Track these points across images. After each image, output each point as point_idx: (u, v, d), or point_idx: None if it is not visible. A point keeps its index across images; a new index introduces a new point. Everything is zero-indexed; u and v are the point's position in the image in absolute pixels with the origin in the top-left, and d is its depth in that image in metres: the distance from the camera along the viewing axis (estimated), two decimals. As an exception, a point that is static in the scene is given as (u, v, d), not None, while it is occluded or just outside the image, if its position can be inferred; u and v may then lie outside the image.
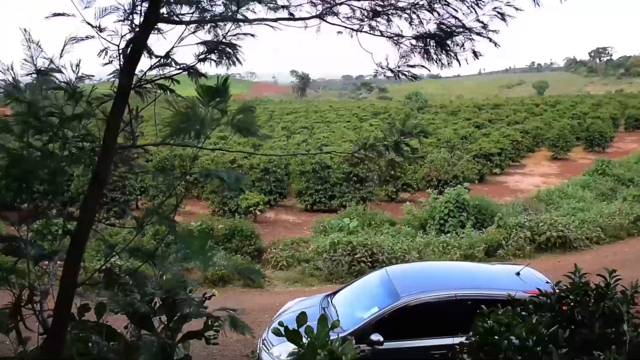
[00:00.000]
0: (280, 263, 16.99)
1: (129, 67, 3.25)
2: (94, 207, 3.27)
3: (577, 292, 3.59)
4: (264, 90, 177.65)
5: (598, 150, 43.15)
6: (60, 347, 3.33)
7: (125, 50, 3.29)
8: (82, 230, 3.25)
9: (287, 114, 69.88)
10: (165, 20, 3.41)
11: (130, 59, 3.26)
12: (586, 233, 18.13)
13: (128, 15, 3.39)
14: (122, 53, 3.29)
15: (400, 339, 8.60)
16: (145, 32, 3.29)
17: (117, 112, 3.21)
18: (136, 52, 3.27)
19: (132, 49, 3.27)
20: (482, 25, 3.90)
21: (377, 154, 3.99)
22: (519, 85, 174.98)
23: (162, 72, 3.44)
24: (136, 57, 3.27)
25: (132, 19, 3.39)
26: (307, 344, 4.88)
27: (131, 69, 3.26)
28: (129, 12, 3.40)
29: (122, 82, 3.24)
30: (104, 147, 3.23)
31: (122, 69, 3.27)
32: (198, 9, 3.47)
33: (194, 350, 7.67)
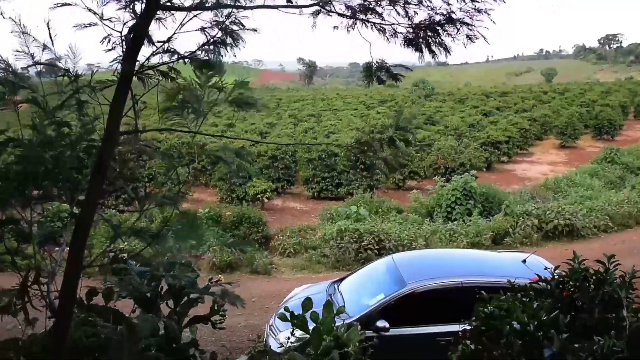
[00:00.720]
0: (287, 250, 17.08)
1: (131, 53, 3.29)
2: (97, 191, 3.33)
3: (577, 278, 3.62)
4: (271, 78, 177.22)
5: (607, 138, 42.86)
6: (67, 328, 3.40)
7: (127, 37, 3.33)
8: (86, 214, 3.31)
9: (294, 102, 69.81)
10: (165, 7, 3.45)
11: (132, 46, 3.30)
12: (594, 221, 18.08)
13: (130, 2, 3.43)
14: (125, 40, 3.33)
15: (406, 326, 8.66)
16: (147, 19, 3.33)
17: (119, 98, 3.25)
18: (138, 39, 3.31)
19: (134, 36, 3.30)
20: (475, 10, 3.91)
21: (372, 150, 4.02)
22: (527, 72, 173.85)
23: (163, 60, 3.48)
24: (138, 44, 3.31)
25: (133, 6, 3.42)
26: (312, 329, 4.94)
27: (133, 55, 3.30)
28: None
29: (124, 68, 3.28)
30: (106, 133, 3.28)
31: (124, 56, 3.31)
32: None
33: (202, 336, 7.76)
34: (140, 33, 3.32)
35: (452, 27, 3.95)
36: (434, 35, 3.99)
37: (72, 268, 3.32)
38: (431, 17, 3.97)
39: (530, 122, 41.18)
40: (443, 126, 38.36)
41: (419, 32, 3.99)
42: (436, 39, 4.00)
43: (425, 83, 74.81)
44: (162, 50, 3.39)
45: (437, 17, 3.98)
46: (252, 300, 12.40)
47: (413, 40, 4.02)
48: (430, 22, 3.97)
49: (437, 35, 3.99)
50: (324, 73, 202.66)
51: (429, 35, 3.99)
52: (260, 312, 11.90)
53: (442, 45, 4.03)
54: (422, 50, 4.06)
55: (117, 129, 3.32)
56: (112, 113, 3.27)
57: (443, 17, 3.95)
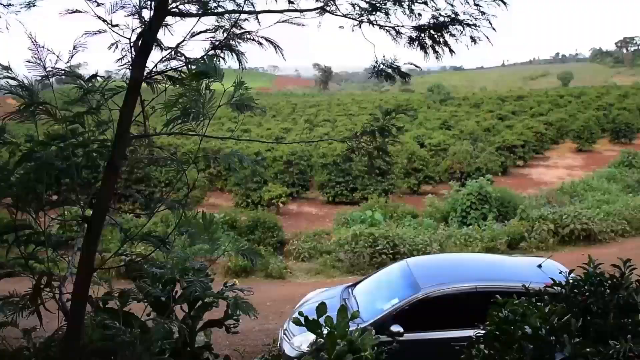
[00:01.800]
0: (302, 254, 17.10)
1: (140, 59, 3.33)
2: (108, 195, 3.37)
3: (592, 282, 3.59)
4: (287, 83, 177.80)
5: (624, 141, 42.42)
6: (79, 329, 3.44)
7: (136, 43, 3.38)
8: (97, 217, 3.35)
9: (309, 107, 69.91)
10: (174, 13, 3.50)
11: (141, 52, 3.34)
12: (611, 226, 17.87)
13: (138, 10, 3.48)
14: (134, 46, 3.38)
15: (421, 331, 8.62)
16: (156, 26, 3.37)
17: (129, 103, 3.30)
18: (147, 45, 3.35)
19: (143, 42, 3.35)
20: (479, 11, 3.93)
21: (370, 138, 4.05)
22: (543, 76, 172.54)
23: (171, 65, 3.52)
24: (147, 50, 3.35)
25: (141, 13, 3.47)
26: (326, 333, 4.95)
27: (142, 61, 3.34)
28: (138, 7, 3.48)
29: (133, 74, 3.32)
30: (117, 137, 3.32)
31: (133, 62, 3.36)
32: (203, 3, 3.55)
33: (216, 340, 7.78)
34: (150, 39, 3.36)
35: (455, 28, 3.96)
36: (438, 36, 4.01)
37: (83, 270, 3.37)
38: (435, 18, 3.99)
39: (547, 126, 40.90)
40: (458, 131, 38.19)
41: (423, 33, 4.01)
42: (440, 40, 4.02)
43: (441, 88, 74.65)
44: (170, 56, 3.43)
45: (440, 19, 4.00)
46: (267, 304, 12.42)
47: (417, 39, 4.03)
48: (434, 24, 3.99)
49: (441, 36, 4.00)
50: (339, 78, 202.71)
51: (433, 35, 4.01)
52: (275, 317, 11.91)
53: (447, 45, 4.04)
54: (427, 49, 4.08)
55: (128, 132, 3.36)
56: (122, 117, 3.32)
57: (447, 18, 3.97)
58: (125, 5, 3.49)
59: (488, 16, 3.97)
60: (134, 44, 3.38)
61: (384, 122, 4.09)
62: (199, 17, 3.53)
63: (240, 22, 3.67)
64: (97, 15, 3.46)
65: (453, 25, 3.97)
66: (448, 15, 3.98)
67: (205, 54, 3.52)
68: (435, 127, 41.56)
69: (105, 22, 3.46)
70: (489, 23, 4.03)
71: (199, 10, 3.56)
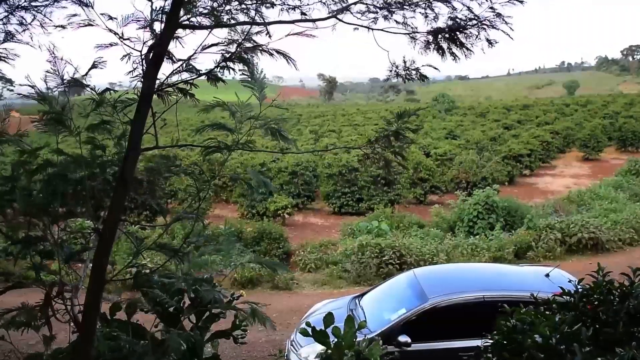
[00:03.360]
0: (308, 265, 17.09)
1: (152, 71, 3.36)
2: (119, 207, 3.39)
3: (601, 291, 3.58)
4: (292, 94, 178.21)
5: (631, 150, 42.27)
6: (90, 341, 3.45)
7: (147, 55, 3.41)
8: (109, 229, 3.37)
9: (314, 118, 70.07)
10: (185, 26, 3.53)
11: (153, 64, 3.37)
12: (619, 234, 17.81)
13: (150, 22, 3.51)
14: (145, 58, 3.41)
15: (428, 341, 8.60)
16: (167, 38, 3.40)
17: (140, 115, 3.32)
18: (158, 57, 3.38)
19: (155, 54, 3.38)
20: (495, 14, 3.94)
21: (385, 144, 4.07)
22: (549, 85, 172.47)
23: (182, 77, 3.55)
24: (158, 62, 3.38)
25: (152, 26, 3.50)
26: (334, 344, 4.94)
27: (153, 73, 3.37)
28: (150, 20, 3.52)
29: (144, 86, 3.35)
30: (128, 149, 3.34)
31: (145, 74, 3.38)
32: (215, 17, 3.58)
33: (223, 351, 7.79)
34: (161, 51, 3.39)
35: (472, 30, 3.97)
36: (455, 38, 4.01)
37: (95, 282, 3.38)
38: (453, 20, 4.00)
39: (553, 135, 40.81)
40: (464, 140, 38.15)
41: (440, 35, 4.02)
42: (457, 42, 4.02)
43: (446, 97, 74.66)
44: (181, 68, 3.46)
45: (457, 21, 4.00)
46: (274, 315, 12.36)
47: (433, 42, 4.04)
48: (452, 26, 3.99)
49: (457, 38, 4.01)
50: (344, 88, 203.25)
51: (451, 37, 4.02)
52: (282, 328, 11.88)
53: (464, 46, 4.05)
54: (444, 51, 4.09)
55: (139, 145, 3.39)
56: (133, 130, 3.34)
57: (463, 21, 3.98)
58: (136, 18, 3.52)
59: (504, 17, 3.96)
60: (145, 56, 3.41)
61: (398, 126, 4.10)
62: (211, 29, 3.55)
63: (251, 34, 3.69)
64: (108, 29, 3.50)
65: (471, 27, 3.97)
66: (465, 16, 3.99)
67: (216, 65, 3.55)
68: (441, 137, 41.55)
69: (116, 35, 3.49)
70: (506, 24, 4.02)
71: (211, 22, 3.59)
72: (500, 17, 3.94)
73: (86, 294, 3.41)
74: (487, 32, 3.99)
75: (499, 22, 3.96)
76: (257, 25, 3.70)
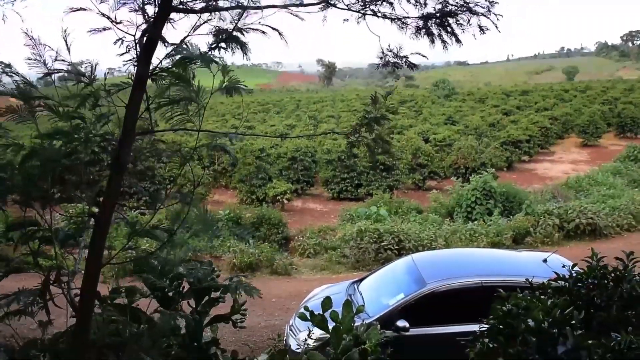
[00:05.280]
0: (307, 251, 17.14)
1: (145, 56, 3.35)
2: (115, 191, 3.40)
3: (595, 275, 3.62)
4: (291, 79, 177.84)
5: (630, 136, 42.17)
6: (88, 324, 3.48)
7: (141, 39, 3.40)
8: (105, 211, 3.39)
9: (313, 103, 69.86)
10: (178, 9, 3.52)
11: (146, 48, 3.36)
12: (617, 220, 17.86)
13: (142, 6, 3.49)
14: (138, 42, 3.40)
15: (426, 326, 8.66)
16: (160, 21, 3.39)
17: (134, 100, 3.32)
18: (152, 41, 3.37)
19: (148, 38, 3.37)
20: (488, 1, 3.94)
21: (368, 128, 4.08)
22: (548, 71, 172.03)
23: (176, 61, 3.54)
24: (151, 46, 3.37)
25: (145, 10, 3.48)
26: (332, 328, 4.98)
27: (147, 58, 3.36)
28: (142, 3, 3.50)
29: (139, 70, 3.35)
30: (123, 133, 3.35)
31: (138, 58, 3.38)
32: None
33: (222, 336, 7.83)
34: (155, 35, 3.38)
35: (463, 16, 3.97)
36: (446, 25, 4.01)
37: (91, 266, 3.40)
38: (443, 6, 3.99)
39: (552, 121, 40.72)
40: (463, 126, 38.10)
41: (430, 21, 4.01)
42: (447, 29, 4.02)
43: (446, 83, 74.43)
44: (174, 52, 3.45)
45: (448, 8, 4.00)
46: (272, 300, 12.48)
47: (423, 28, 4.03)
48: (442, 12, 3.99)
49: (448, 25, 4.00)
50: (343, 74, 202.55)
51: (441, 23, 4.01)
52: (281, 313, 11.97)
53: (454, 34, 4.05)
54: (434, 38, 4.08)
55: (134, 129, 3.39)
56: (128, 113, 3.34)
57: (455, 6, 3.97)
58: (128, 1, 3.50)
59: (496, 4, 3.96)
60: (138, 40, 3.40)
61: (377, 111, 4.11)
62: (201, 12, 3.54)
63: (243, 18, 3.68)
64: (101, 13, 3.48)
65: (462, 14, 3.97)
66: (456, 2, 3.98)
67: (210, 47, 3.54)
68: (440, 123, 41.49)
69: (109, 19, 3.48)
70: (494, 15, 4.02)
71: (204, 5, 3.57)
72: (492, 4, 3.93)
73: (83, 277, 3.44)
74: (478, 19, 3.99)
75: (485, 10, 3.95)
76: (250, 9, 3.69)
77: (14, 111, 3.56)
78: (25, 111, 3.61)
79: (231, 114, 56.28)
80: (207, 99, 3.62)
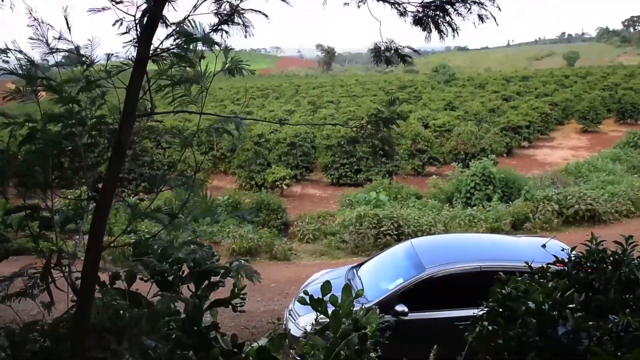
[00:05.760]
0: (306, 236, 17.19)
1: (146, 36, 3.32)
2: (116, 174, 3.39)
3: (593, 259, 3.63)
4: (290, 64, 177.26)
5: (630, 122, 42.13)
6: (89, 307, 3.49)
7: (141, 20, 3.36)
8: (105, 195, 3.38)
9: (312, 89, 69.66)
10: None
11: (147, 28, 3.33)
12: (616, 206, 17.91)
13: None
14: (139, 23, 3.37)
15: (425, 310, 8.71)
16: (161, 1, 3.36)
17: (135, 81, 3.30)
18: (152, 21, 3.34)
19: (148, 19, 3.34)
20: None
21: (375, 127, 4.06)
22: (549, 56, 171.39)
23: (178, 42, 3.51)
24: (152, 27, 3.33)
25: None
26: (332, 312, 5.00)
27: (148, 38, 3.33)
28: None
29: (139, 51, 3.32)
30: (124, 115, 3.33)
31: (139, 39, 3.35)
32: None
33: (222, 321, 7.87)
34: (155, 15, 3.34)
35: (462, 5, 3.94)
36: (443, 15, 3.99)
37: (92, 249, 3.40)
38: None
39: (552, 107, 40.62)
40: (463, 111, 38.03)
41: (427, 11, 3.98)
42: (445, 18, 3.99)
43: (446, 68, 74.20)
44: (175, 32, 3.42)
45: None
46: (272, 285, 12.54)
47: (421, 19, 4.01)
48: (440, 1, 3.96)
49: (446, 14, 3.98)
50: (342, 59, 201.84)
51: (438, 14, 3.99)
52: (280, 298, 12.02)
53: (451, 25, 4.02)
54: (430, 29, 4.06)
55: (134, 111, 3.37)
56: (129, 95, 3.32)
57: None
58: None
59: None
60: (138, 21, 3.37)
61: (388, 113, 4.09)
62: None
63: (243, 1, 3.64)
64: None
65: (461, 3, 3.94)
66: None
67: (212, 28, 3.51)
68: (439, 108, 41.40)
69: (109, 0, 3.45)
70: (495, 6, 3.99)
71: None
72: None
73: (84, 261, 3.44)
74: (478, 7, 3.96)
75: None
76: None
77: (19, 92, 3.54)
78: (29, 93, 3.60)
79: (230, 99, 56.14)
80: (210, 81, 3.59)
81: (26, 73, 3.50)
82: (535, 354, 3.17)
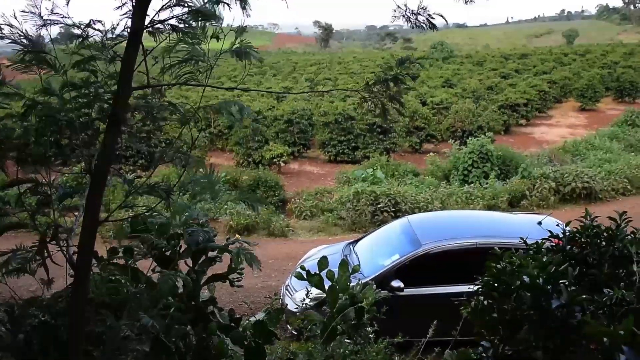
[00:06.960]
0: (304, 213, 17.24)
1: (140, 6, 3.29)
2: (112, 147, 3.37)
3: (588, 234, 3.66)
4: (287, 41, 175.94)
5: (628, 100, 42.05)
6: (86, 281, 3.50)
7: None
8: (102, 166, 3.37)
9: (310, 66, 69.27)
10: None
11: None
12: (612, 184, 17.96)
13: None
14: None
15: (421, 286, 8.77)
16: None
17: (130, 52, 3.27)
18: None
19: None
20: None
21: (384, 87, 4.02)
22: (548, 34, 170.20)
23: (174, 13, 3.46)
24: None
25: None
26: (328, 287, 5.04)
27: (143, 9, 3.29)
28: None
29: (133, 22, 3.29)
30: (119, 88, 3.31)
31: (134, 10, 3.31)
32: None
33: (219, 297, 7.92)
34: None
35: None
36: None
37: (89, 223, 3.40)
38: None
39: (550, 85, 40.52)
40: (461, 89, 37.90)
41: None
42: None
43: (444, 45, 73.80)
44: (172, 3, 3.37)
45: None
46: (269, 262, 12.59)
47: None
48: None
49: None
50: (340, 36, 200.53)
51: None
52: (277, 274, 12.09)
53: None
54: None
55: (129, 83, 3.35)
56: (124, 67, 3.30)
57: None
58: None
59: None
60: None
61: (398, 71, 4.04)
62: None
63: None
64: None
65: None
66: None
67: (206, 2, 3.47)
68: (437, 86, 41.27)
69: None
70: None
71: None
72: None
73: (80, 234, 3.44)
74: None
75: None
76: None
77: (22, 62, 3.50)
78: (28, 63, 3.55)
79: (227, 76, 55.82)
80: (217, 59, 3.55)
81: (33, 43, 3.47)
82: (529, 327, 3.21)
